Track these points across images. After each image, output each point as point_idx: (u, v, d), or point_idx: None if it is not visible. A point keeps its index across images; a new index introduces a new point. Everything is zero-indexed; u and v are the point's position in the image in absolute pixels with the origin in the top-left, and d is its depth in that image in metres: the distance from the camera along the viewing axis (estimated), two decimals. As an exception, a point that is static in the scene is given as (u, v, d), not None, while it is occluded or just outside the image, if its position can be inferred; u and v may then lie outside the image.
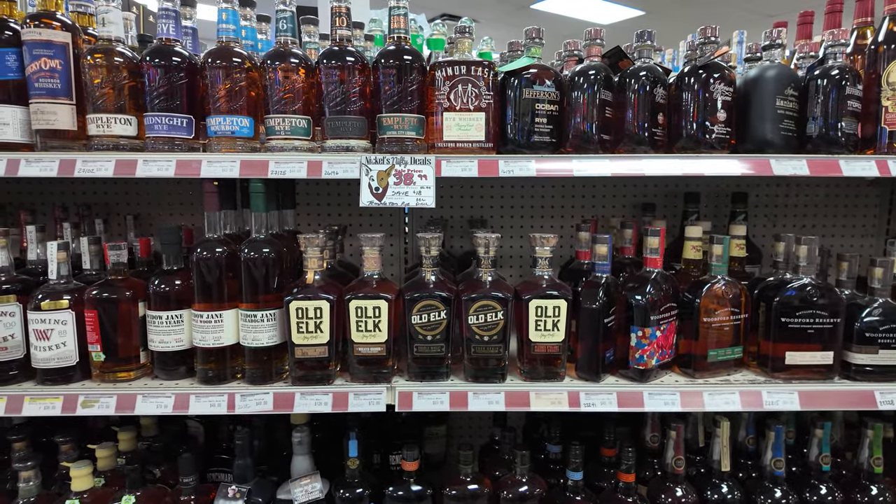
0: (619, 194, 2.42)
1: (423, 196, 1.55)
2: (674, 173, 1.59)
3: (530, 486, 1.71)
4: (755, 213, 2.45)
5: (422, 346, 1.60)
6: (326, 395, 1.58)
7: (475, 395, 1.60)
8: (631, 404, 1.59)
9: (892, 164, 1.62)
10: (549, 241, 1.62)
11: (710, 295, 1.65)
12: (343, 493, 1.68)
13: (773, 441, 1.72)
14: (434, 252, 1.61)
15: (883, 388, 1.63)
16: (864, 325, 1.65)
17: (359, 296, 1.56)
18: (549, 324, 1.60)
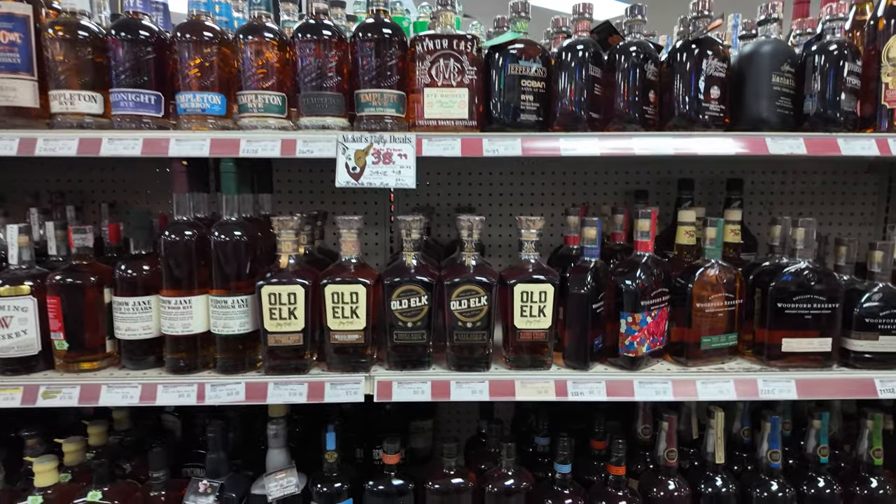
0: (610, 181, 2.35)
1: (402, 176, 1.48)
2: (665, 152, 1.53)
3: (516, 479, 1.64)
4: (751, 200, 2.38)
5: (402, 334, 1.53)
6: (301, 384, 1.50)
7: (458, 384, 1.53)
8: (620, 393, 1.52)
9: (892, 142, 1.55)
10: (535, 223, 1.55)
11: (703, 279, 1.58)
12: (320, 487, 1.61)
13: (769, 432, 1.66)
14: (415, 235, 1.54)
15: (883, 375, 1.56)
16: (863, 310, 1.59)
17: (336, 280, 1.49)
18: (535, 309, 1.53)
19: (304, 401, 1.50)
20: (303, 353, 1.52)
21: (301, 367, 1.53)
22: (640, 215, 1.59)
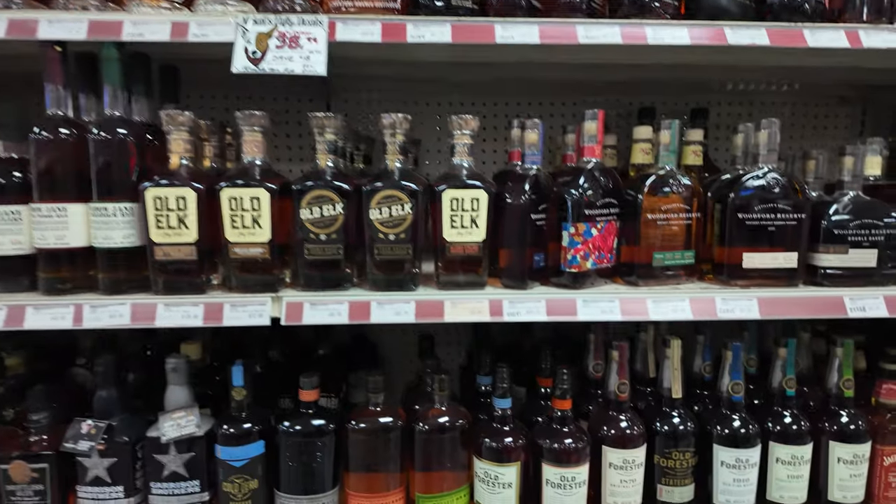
0: (567, 113, 2.18)
1: (311, 62, 1.28)
2: (613, 41, 1.35)
3: (451, 416, 1.46)
4: (716, 135, 2.24)
5: (314, 248, 1.33)
6: (196, 306, 1.30)
7: (380, 304, 1.34)
8: (562, 312, 1.35)
9: (863, 34, 1.40)
10: (467, 122, 1.36)
11: (655, 185, 1.41)
12: (227, 429, 1.41)
13: (731, 362, 1.50)
14: (330, 136, 1.34)
15: (853, 293, 1.41)
16: (832, 222, 1.43)
17: (235, 184, 1.29)
18: (466, 219, 1.35)
19: (200, 324, 1.30)
20: (198, 270, 1.32)
21: (196, 286, 1.33)
22: (587, 117, 1.41)
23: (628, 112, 2.20)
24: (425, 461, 1.45)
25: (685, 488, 1.51)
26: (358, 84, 2.06)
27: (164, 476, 1.41)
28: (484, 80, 1.98)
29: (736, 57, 1.59)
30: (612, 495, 1.48)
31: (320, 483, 1.44)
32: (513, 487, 1.44)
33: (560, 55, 1.55)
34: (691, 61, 1.64)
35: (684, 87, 2.14)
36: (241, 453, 1.40)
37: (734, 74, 1.98)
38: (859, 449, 1.50)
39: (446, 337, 2.29)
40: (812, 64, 1.70)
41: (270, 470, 1.45)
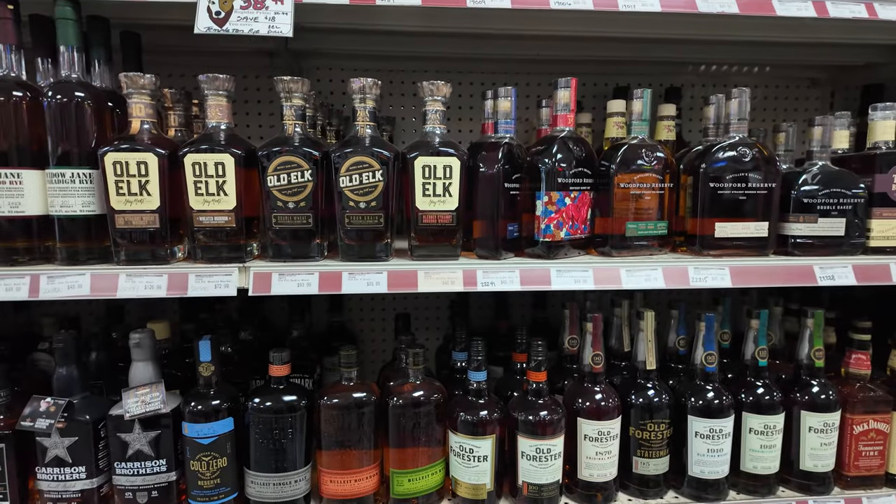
0: (544, 94, 2.18)
1: (277, 23, 1.25)
2: (584, 7, 1.34)
3: (425, 390, 1.44)
4: (690, 116, 2.25)
5: (282, 216, 1.30)
6: (160, 276, 1.26)
7: (351, 275, 1.31)
8: (536, 282, 1.34)
9: (830, 5, 1.41)
10: (439, 88, 1.34)
11: (627, 154, 1.41)
12: (194, 405, 1.36)
13: (704, 333, 1.50)
14: (297, 101, 1.31)
15: (822, 262, 1.43)
16: (802, 191, 1.45)
17: (201, 148, 1.25)
18: (439, 187, 1.32)
19: (163, 294, 1.25)
20: (161, 239, 1.28)
21: (160, 256, 1.29)
22: (559, 85, 1.40)
23: (604, 93, 2.20)
24: (400, 436, 1.42)
25: (660, 460, 1.51)
26: (330, 61, 2.03)
27: (128, 455, 1.36)
28: (458, 57, 1.97)
29: (707, 30, 1.60)
30: (588, 468, 1.47)
31: (292, 461, 1.40)
32: (488, 461, 1.42)
33: (533, 24, 1.54)
34: (663, 35, 1.65)
35: (658, 68, 2.15)
36: (209, 430, 1.36)
37: (707, 53, 1.99)
38: (830, 418, 1.52)
39: (424, 322, 2.27)
40: (781, 39, 1.72)
41: (240, 448, 1.41)
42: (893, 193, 1.46)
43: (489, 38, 1.76)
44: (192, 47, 1.79)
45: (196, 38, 1.27)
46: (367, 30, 1.68)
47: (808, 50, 1.99)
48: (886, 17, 1.40)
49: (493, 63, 2.06)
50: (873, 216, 1.46)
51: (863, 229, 1.46)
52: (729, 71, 2.20)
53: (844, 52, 2.01)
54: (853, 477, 1.56)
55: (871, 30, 1.72)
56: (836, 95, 2.29)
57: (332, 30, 1.71)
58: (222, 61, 1.92)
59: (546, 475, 1.43)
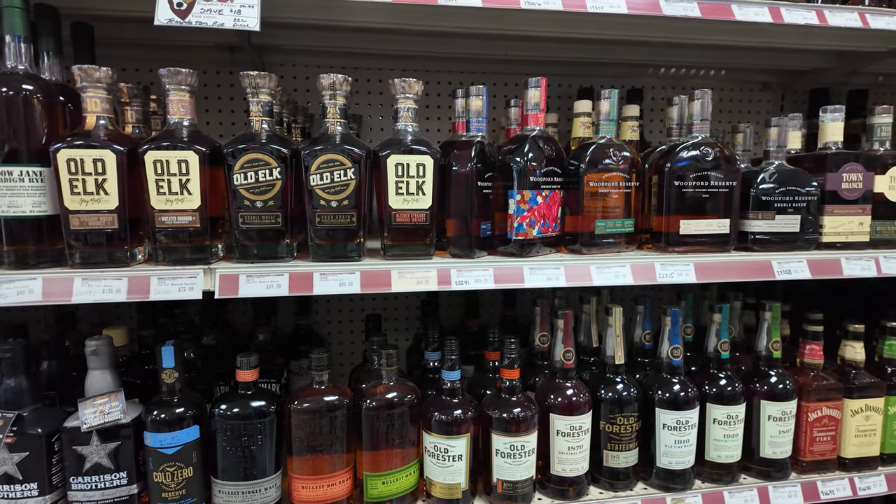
0: (511, 94, 2.19)
1: (243, 16, 1.21)
2: (554, 7, 1.35)
3: (399, 391, 1.42)
4: (651, 117, 2.32)
5: (249, 216, 1.26)
6: (119, 279, 1.20)
7: (323, 276, 1.28)
8: (509, 280, 1.34)
9: (784, 11, 1.48)
10: (411, 86, 1.33)
11: (596, 154, 1.43)
12: (157, 414, 1.30)
13: (670, 327, 1.54)
14: (264, 97, 1.27)
15: (780, 257, 1.49)
16: (760, 190, 1.50)
17: (162, 146, 1.19)
18: (412, 186, 1.31)
19: (123, 298, 1.19)
20: (120, 241, 1.21)
21: (119, 258, 1.22)
22: (529, 85, 1.41)
23: (568, 94, 2.24)
24: (373, 439, 1.40)
25: (630, 453, 1.54)
26: (294, 58, 1.98)
27: (85, 469, 1.28)
28: (426, 55, 1.96)
29: (669, 33, 1.64)
30: (561, 463, 1.49)
31: (261, 468, 1.36)
32: (463, 460, 1.42)
33: (502, 23, 1.55)
34: (628, 37, 1.69)
35: (621, 70, 2.20)
36: (172, 440, 1.30)
37: (668, 56, 2.05)
38: (787, 406, 1.59)
39: (394, 323, 2.25)
40: (738, 43, 1.79)
41: (206, 457, 1.36)
42: (843, 191, 1.54)
43: (458, 36, 1.76)
44: (148, 40, 1.72)
45: (152, 30, 1.22)
46: (333, 26, 1.65)
47: (761, 54, 2.08)
48: (835, 23, 1.48)
49: (461, 62, 2.06)
50: (825, 213, 1.54)
51: (816, 226, 1.54)
52: (687, 74, 2.27)
53: (795, 58, 2.11)
54: (808, 462, 1.64)
55: (820, 36, 1.82)
56: (785, 99, 2.41)
57: (297, 25, 1.68)
58: (180, 55, 1.84)
59: (520, 472, 1.44)
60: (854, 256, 1.51)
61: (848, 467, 1.65)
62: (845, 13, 1.48)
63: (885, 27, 1.50)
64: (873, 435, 1.65)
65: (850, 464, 1.65)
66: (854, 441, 1.64)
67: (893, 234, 1.58)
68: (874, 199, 1.56)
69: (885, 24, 1.50)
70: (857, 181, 1.53)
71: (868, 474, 1.65)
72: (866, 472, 1.65)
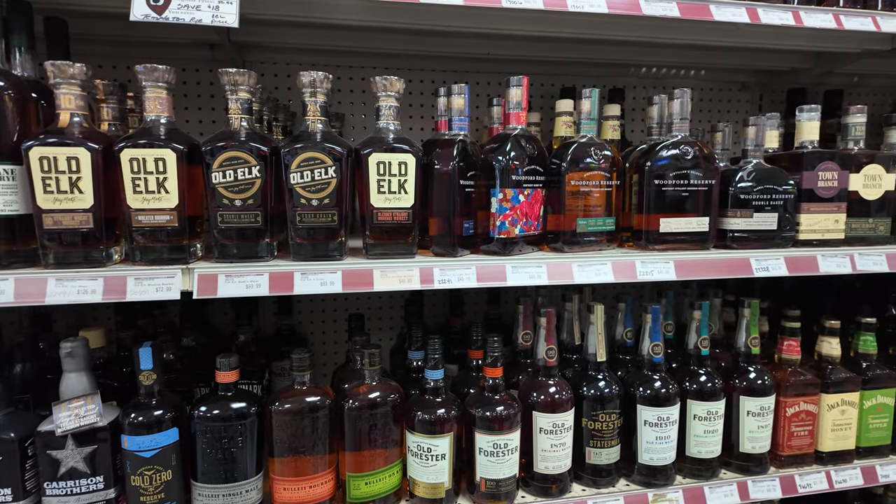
0: (494, 93, 2.19)
1: (221, 12, 1.19)
2: (535, 6, 1.36)
3: (381, 391, 1.42)
4: (632, 116, 2.33)
5: (228, 215, 1.24)
6: (95, 280, 1.18)
7: (304, 275, 1.27)
8: (492, 278, 1.34)
9: (761, 11, 1.50)
10: (393, 84, 1.32)
11: (577, 152, 1.44)
12: (135, 416, 1.28)
13: (651, 324, 1.56)
14: (244, 95, 1.26)
15: (758, 255, 1.51)
16: (738, 188, 1.52)
17: (139, 143, 1.17)
18: (394, 185, 1.31)
19: (99, 299, 1.17)
20: (96, 241, 1.19)
21: (94, 258, 1.20)
22: (511, 84, 1.42)
23: (551, 93, 2.25)
24: (356, 439, 1.39)
25: (612, 449, 1.55)
26: (275, 55, 1.97)
27: (60, 474, 1.26)
28: (408, 54, 1.95)
29: (649, 33, 1.66)
30: (544, 460, 1.49)
31: (242, 470, 1.35)
32: (446, 459, 1.41)
33: (484, 22, 1.55)
34: (609, 36, 1.70)
35: (603, 69, 2.22)
36: (151, 442, 1.28)
37: (648, 56, 2.07)
38: (765, 402, 1.61)
39: (378, 322, 2.24)
40: (717, 43, 1.81)
41: (186, 459, 1.34)
42: (819, 190, 1.56)
43: (440, 35, 1.75)
44: (125, 37, 1.70)
45: (129, 26, 1.20)
46: (315, 23, 1.64)
47: (740, 55, 2.11)
48: (810, 24, 1.50)
49: (443, 61, 2.06)
50: (802, 211, 1.56)
51: (793, 223, 1.56)
52: (668, 74, 2.30)
53: (772, 58, 2.14)
54: (787, 456, 1.66)
55: (796, 36, 1.85)
56: (763, 98, 2.44)
57: (278, 22, 1.66)
58: (159, 52, 1.82)
59: (503, 470, 1.44)
60: (830, 253, 1.54)
61: (825, 461, 1.68)
62: (820, 14, 1.51)
63: (858, 28, 1.53)
64: (849, 429, 1.68)
65: (827, 457, 1.68)
66: (830, 435, 1.67)
67: (867, 231, 1.62)
68: (849, 197, 1.59)
69: (859, 25, 1.53)
70: (833, 180, 1.56)
71: (844, 467, 1.68)
72: (842, 465, 1.68)
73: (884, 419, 1.71)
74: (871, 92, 2.51)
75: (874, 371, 1.69)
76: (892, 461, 1.72)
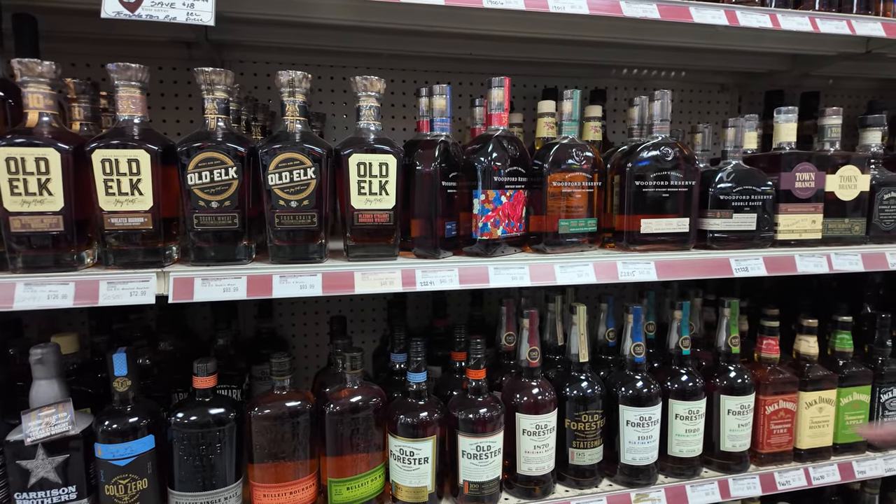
0: (476, 93, 2.19)
1: (196, 10, 1.16)
2: (516, 7, 1.35)
3: (363, 395, 1.40)
4: (613, 117, 2.35)
5: (205, 217, 1.22)
6: (66, 284, 1.14)
7: (283, 278, 1.25)
8: (475, 280, 1.33)
9: (739, 14, 1.51)
10: (374, 84, 1.31)
11: (559, 154, 1.44)
12: (109, 424, 1.25)
13: (633, 325, 1.56)
14: (220, 94, 1.23)
15: (738, 255, 1.52)
16: (718, 189, 1.54)
17: (112, 144, 1.14)
18: (375, 186, 1.29)
19: (70, 304, 1.14)
20: (67, 244, 1.16)
21: (66, 261, 1.17)
22: (492, 84, 1.41)
23: (533, 94, 2.25)
24: (338, 444, 1.37)
25: (595, 450, 1.55)
26: (255, 54, 1.94)
27: (31, 485, 1.22)
28: (389, 53, 1.94)
29: (630, 34, 1.66)
30: (527, 462, 1.49)
31: (221, 477, 1.32)
32: (429, 463, 1.40)
33: (466, 22, 1.54)
34: (590, 37, 1.70)
35: (584, 71, 2.23)
36: (126, 450, 1.25)
37: (630, 57, 2.08)
38: (745, 400, 1.63)
39: (360, 325, 2.22)
40: (696, 45, 1.83)
41: (162, 467, 1.31)
42: (797, 190, 1.58)
43: (422, 35, 1.74)
44: (99, 34, 1.66)
45: (103, 23, 1.16)
46: (294, 22, 1.61)
47: (719, 56, 2.13)
48: (787, 27, 1.52)
49: (424, 61, 2.05)
50: (780, 211, 1.58)
51: (771, 224, 1.58)
52: (649, 75, 2.31)
53: (750, 60, 2.17)
54: (766, 454, 1.68)
55: (774, 39, 1.87)
56: (742, 100, 2.47)
57: (257, 21, 1.63)
58: (134, 51, 1.78)
59: (486, 472, 1.43)
60: (807, 253, 1.56)
61: (803, 458, 1.70)
62: (797, 17, 1.53)
63: (834, 31, 1.55)
64: (826, 426, 1.71)
65: (805, 454, 1.70)
66: (809, 432, 1.69)
67: (843, 231, 1.64)
68: (825, 197, 1.61)
69: (834, 29, 1.55)
70: (810, 180, 1.58)
71: (822, 464, 1.70)
72: (820, 462, 1.71)
73: (860, 416, 1.74)
74: (846, 94, 2.55)
75: (850, 369, 1.72)
76: (868, 457, 1.75)
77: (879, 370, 1.73)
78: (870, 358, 1.77)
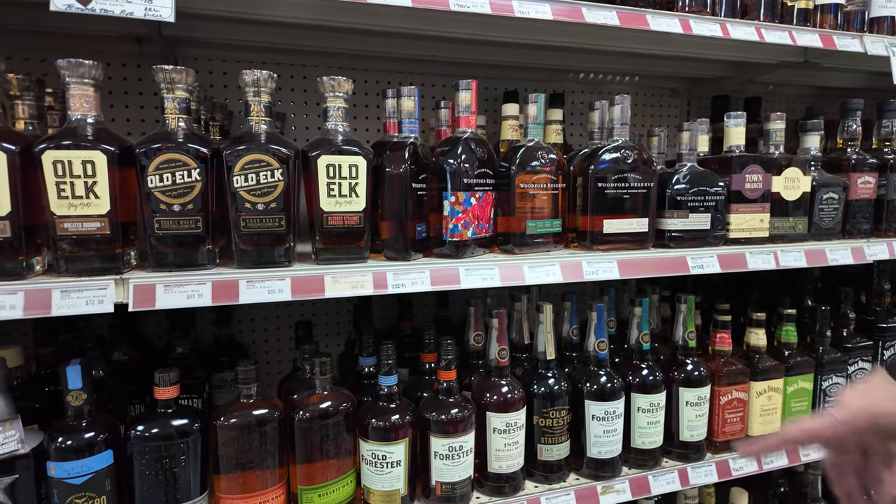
0: (439, 95, 2.19)
1: (155, 5, 1.12)
2: (482, 11, 1.37)
3: (334, 400, 1.38)
4: (571, 121, 2.40)
5: (166, 221, 1.17)
6: (14, 294, 1.07)
7: (250, 283, 1.21)
8: (446, 282, 1.34)
9: (693, 23, 1.58)
10: (341, 84, 1.29)
11: (525, 156, 1.46)
12: (62, 441, 1.18)
13: (596, 322, 1.61)
14: (181, 93, 1.18)
15: (693, 253, 1.59)
16: (675, 190, 1.60)
17: (63, 145, 1.08)
18: (344, 188, 1.27)
19: (20, 315, 1.06)
20: (14, 251, 1.08)
21: (13, 270, 1.09)
22: (460, 87, 1.42)
23: (494, 96, 2.27)
24: (308, 451, 1.35)
25: (562, 445, 1.59)
26: (210, 52, 1.87)
27: (-26, 510, 1.14)
28: (351, 53, 1.91)
29: (590, 40, 1.71)
30: (498, 460, 1.51)
31: (185, 490, 1.27)
32: (401, 466, 1.40)
33: (431, 24, 1.54)
34: (551, 42, 1.74)
35: (544, 74, 2.27)
36: (81, 468, 1.18)
37: (588, 62, 2.14)
38: (702, 392, 1.70)
39: (324, 329, 2.18)
40: (651, 52, 1.90)
41: (122, 483, 1.25)
42: (746, 191, 1.67)
43: (385, 35, 1.73)
44: (40, 27, 1.56)
45: (46, 16, 1.10)
46: (253, 20, 1.57)
47: (670, 63, 2.22)
48: (736, 36, 1.60)
49: (388, 62, 2.04)
50: (731, 211, 1.67)
51: (724, 223, 1.66)
52: (605, 79, 2.38)
53: (699, 67, 2.27)
54: (721, 442, 1.77)
55: (722, 47, 1.97)
56: (691, 104, 2.59)
57: (214, 17, 1.58)
58: (78, 45, 1.68)
59: (459, 472, 1.44)
60: (757, 251, 1.65)
61: (754, 444, 1.80)
62: (745, 27, 1.61)
63: (777, 41, 1.65)
64: (775, 413, 1.81)
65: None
66: (759, 420, 1.79)
67: (788, 229, 1.74)
68: (772, 198, 1.70)
69: (778, 39, 1.65)
70: (758, 182, 1.67)
71: (771, 449, 1.80)
72: (769, 447, 1.81)
73: (804, 402, 1.85)
74: (785, 100, 2.72)
75: (795, 358, 1.83)
76: (812, 441, 1.87)
77: (821, 359, 1.85)
78: (812, 348, 1.89)
